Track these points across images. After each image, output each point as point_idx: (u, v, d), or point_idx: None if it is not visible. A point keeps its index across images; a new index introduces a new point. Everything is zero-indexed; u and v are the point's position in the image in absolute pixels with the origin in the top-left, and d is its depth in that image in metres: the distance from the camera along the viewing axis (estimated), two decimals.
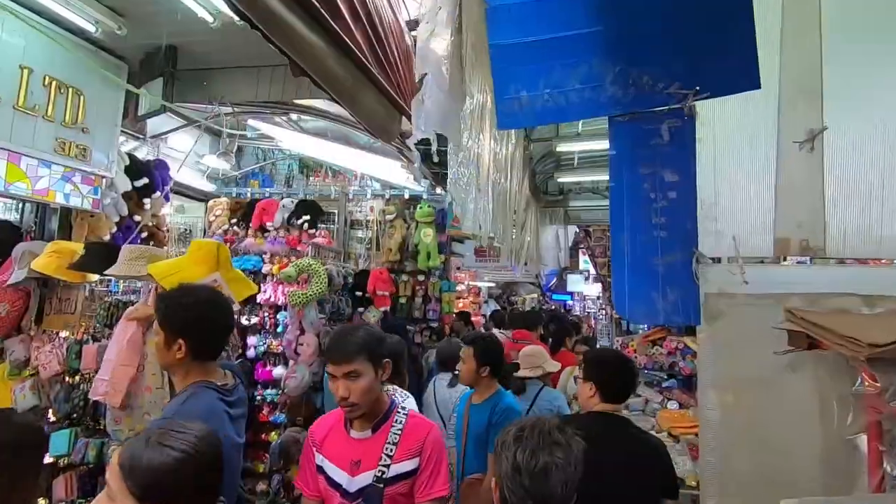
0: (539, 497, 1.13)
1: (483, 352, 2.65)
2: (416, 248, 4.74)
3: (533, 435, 1.18)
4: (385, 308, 4.65)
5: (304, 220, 4.77)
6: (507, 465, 1.17)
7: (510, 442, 1.19)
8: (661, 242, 1.49)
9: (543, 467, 1.13)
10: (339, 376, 1.61)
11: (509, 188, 4.15)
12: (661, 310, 1.49)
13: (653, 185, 1.51)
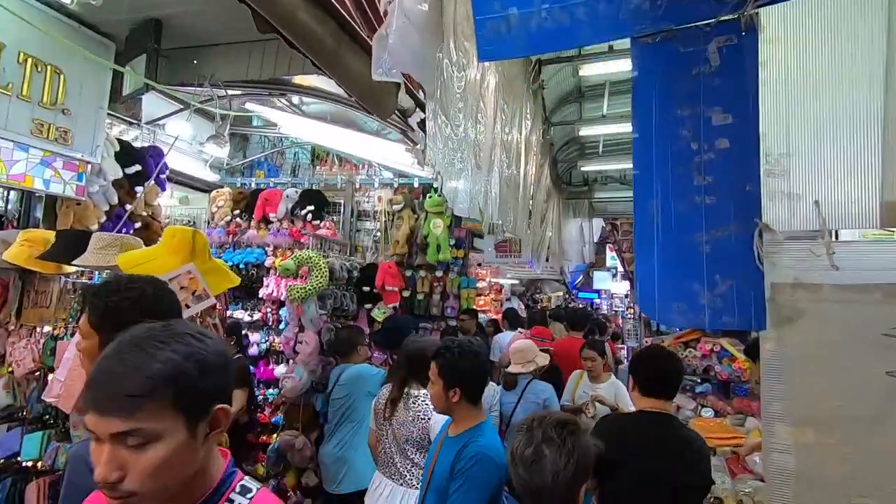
0: (529, 484, 1.28)
1: (450, 369, 1.96)
2: (426, 240, 4.42)
3: (533, 429, 1.32)
4: (394, 304, 4.35)
5: (308, 210, 4.52)
6: (508, 453, 1.36)
7: (518, 431, 1.36)
8: (708, 211, 1.07)
9: (532, 459, 1.28)
10: (103, 438, 0.82)
11: (524, 175, 3.79)
12: (707, 307, 1.07)
13: (694, 131, 1.09)
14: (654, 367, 2.09)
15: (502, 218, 2.84)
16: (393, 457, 2.58)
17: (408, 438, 2.53)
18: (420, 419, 2.52)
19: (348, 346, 3.60)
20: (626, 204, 7.05)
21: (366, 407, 3.50)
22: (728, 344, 5.67)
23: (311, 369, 3.75)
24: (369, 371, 3.50)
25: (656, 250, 1.14)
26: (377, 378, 3.50)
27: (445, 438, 2.04)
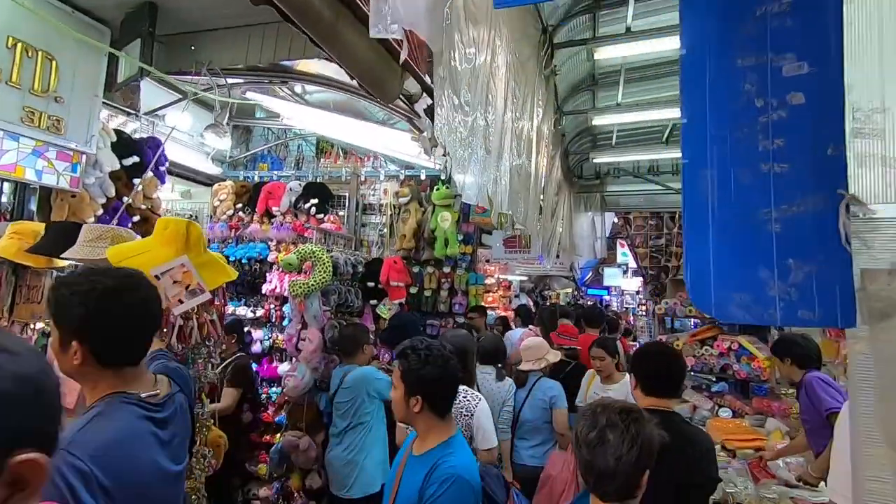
0: (593, 466, 1.35)
1: (412, 373, 1.68)
2: (433, 233, 4.27)
3: (597, 414, 1.38)
4: (400, 300, 4.21)
5: (312, 203, 4.38)
6: (573, 436, 1.43)
7: (582, 416, 1.42)
8: (777, 182, 0.89)
9: (596, 442, 1.34)
10: None
11: (535, 167, 3.62)
12: (778, 299, 0.88)
13: (760, 84, 0.90)
14: (655, 364, 2.06)
15: (512, 209, 2.68)
16: None
17: None
18: (463, 416, 2.49)
19: (353, 344, 3.47)
20: (640, 197, 6.85)
21: (372, 409, 3.37)
22: (747, 342, 5.47)
23: (313, 367, 3.62)
24: (374, 374, 3.36)
25: (712, 231, 0.96)
26: (383, 382, 3.35)
27: (409, 457, 1.78)
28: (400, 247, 4.33)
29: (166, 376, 1.53)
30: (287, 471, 3.69)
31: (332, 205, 4.56)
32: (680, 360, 2.18)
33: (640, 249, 7.12)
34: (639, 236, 7.11)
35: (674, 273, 6.90)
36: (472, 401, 2.56)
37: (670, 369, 2.05)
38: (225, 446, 2.87)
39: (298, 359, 3.63)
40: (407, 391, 1.68)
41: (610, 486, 1.35)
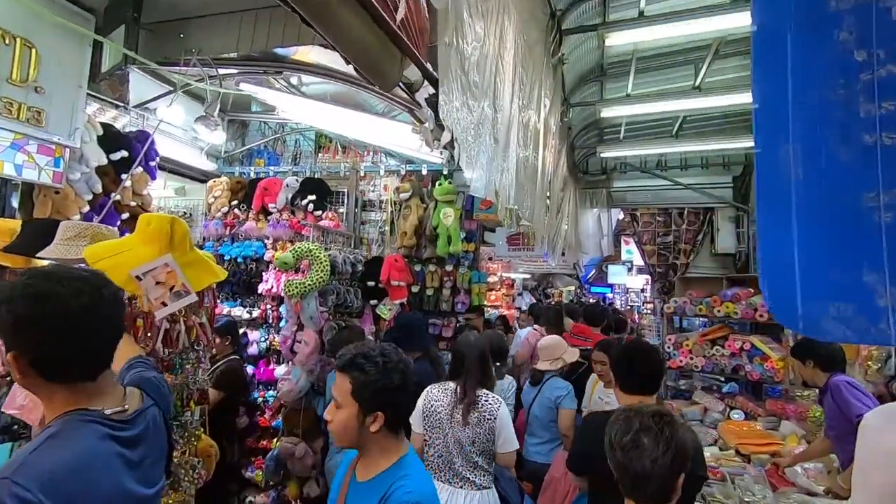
0: (628, 468, 1.35)
1: (370, 386, 1.41)
2: (435, 230, 4.10)
3: (631, 418, 1.38)
4: (401, 300, 4.05)
5: (310, 200, 4.22)
6: (606, 441, 1.40)
7: (615, 421, 1.40)
8: (887, 157, 0.70)
9: (630, 445, 1.34)
10: None
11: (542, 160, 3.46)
12: (891, 310, 0.67)
13: (861, 32, 0.70)
14: (635, 363, 2.07)
15: (518, 203, 2.51)
16: (452, 461, 2.51)
17: (473, 441, 2.49)
18: (486, 419, 2.49)
19: None
20: (647, 193, 6.67)
21: None
22: (759, 342, 5.30)
23: (309, 370, 3.47)
24: None
25: (795, 221, 0.76)
26: None
27: (351, 483, 1.50)
28: (401, 244, 4.16)
29: (138, 388, 1.38)
30: (284, 478, 3.54)
31: (330, 201, 4.40)
32: (658, 356, 2.17)
33: (648, 246, 6.95)
34: (646, 233, 6.93)
35: (682, 271, 6.73)
36: (494, 403, 2.54)
37: (652, 368, 2.06)
38: (216, 456, 2.72)
39: (293, 362, 3.48)
40: (363, 409, 1.41)
41: (647, 489, 1.35)
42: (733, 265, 6.44)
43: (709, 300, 5.62)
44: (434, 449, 2.56)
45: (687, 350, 5.71)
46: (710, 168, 6.43)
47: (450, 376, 2.73)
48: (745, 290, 5.50)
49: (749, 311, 5.32)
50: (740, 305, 5.38)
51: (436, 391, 2.67)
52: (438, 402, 2.61)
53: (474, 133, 1.83)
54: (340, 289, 3.78)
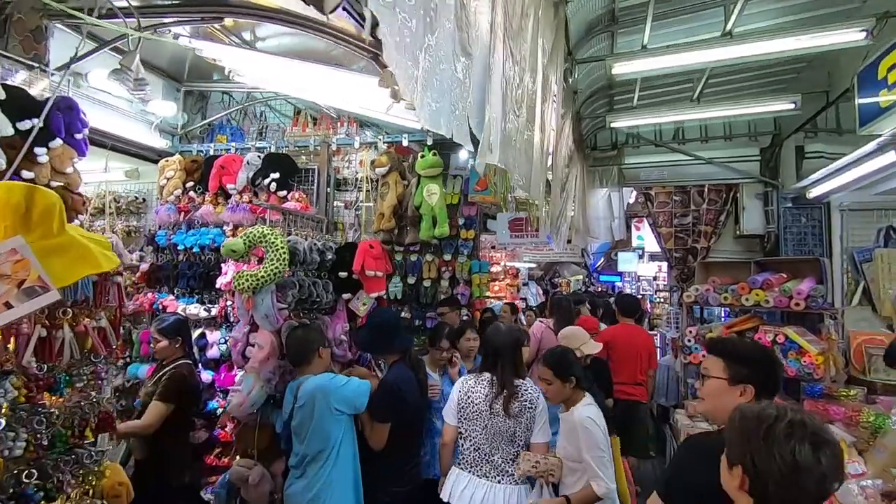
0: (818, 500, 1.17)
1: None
2: (417, 211, 3.49)
3: (802, 430, 1.17)
4: (379, 293, 3.46)
5: (272, 178, 3.63)
6: (780, 464, 1.16)
7: (780, 437, 1.17)
8: None
9: (826, 470, 1.14)
10: None
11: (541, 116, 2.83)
12: None
13: None
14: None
15: (504, 160, 1.89)
16: (490, 454, 2.53)
17: (515, 432, 2.52)
18: (528, 409, 2.54)
19: (303, 350, 2.76)
20: (662, 169, 6.01)
21: (337, 430, 2.65)
22: (795, 334, 4.66)
23: (266, 378, 2.90)
24: (334, 382, 2.66)
25: None
26: (350, 390, 2.66)
27: None
28: (377, 228, 3.56)
29: None
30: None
31: (297, 180, 3.80)
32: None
33: (664, 229, 6.29)
34: (661, 214, 6.28)
35: (702, 255, 6.07)
36: (533, 392, 2.59)
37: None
38: (129, 496, 2.15)
39: (245, 369, 2.92)
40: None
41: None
42: (761, 248, 5.78)
43: (735, 287, 4.98)
44: (470, 441, 2.56)
45: None
46: (733, 140, 5.75)
47: (483, 368, 2.72)
48: (776, 275, 4.86)
49: (783, 298, 4.68)
50: (772, 293, 4.75)
51: (471, 382, 2.67)
52: (476, 394, 2.59)
53: (426, 81, 1.24)
54: (305, 281, 3.20)
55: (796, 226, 5.39)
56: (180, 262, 3.88)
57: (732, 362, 1.88)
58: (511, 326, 2.98)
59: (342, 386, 2.66)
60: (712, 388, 1.90)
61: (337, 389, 2.62)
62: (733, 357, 1.94)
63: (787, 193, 5.40)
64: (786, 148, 5.39)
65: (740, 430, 1.25)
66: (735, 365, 1.89)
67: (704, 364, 2.05)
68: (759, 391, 1.79)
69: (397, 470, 2.82)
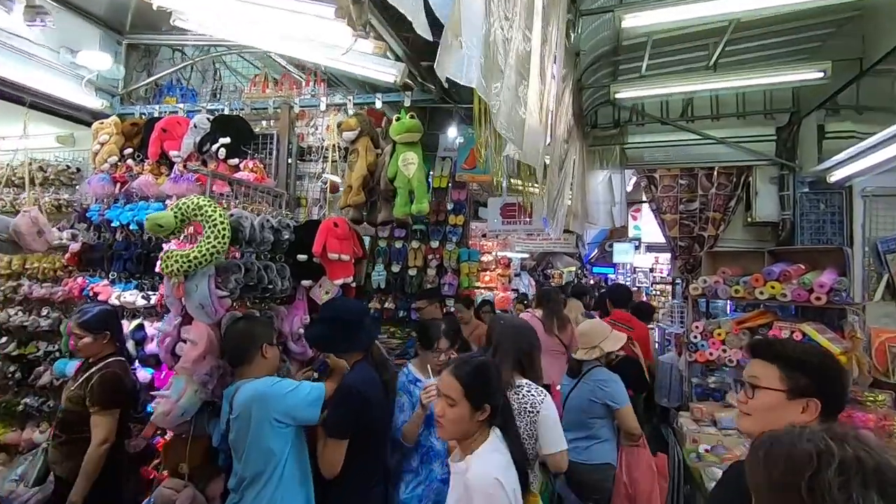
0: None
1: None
2: (392, 184, 2.96)
3: (861, 472, 0.84)
4: (345, 280, 2.95)
5: (222, 144, 3.09)
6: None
7: (831, 491, 0.83)
8: None
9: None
10: None
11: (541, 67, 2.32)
12: None
13: None
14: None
15: (482, 77, 1.37)
16: None
17: None
18: (528, 412, 2.31)
19: (242, 348, 2.26)
20: (668, 150, 5.53)
21: (280, 444, 2.16)
22: (813, 330, 4.22)
23: (201, 381, 2.39)
24: (277, 388, 2.16)
25: None
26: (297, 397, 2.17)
27: None
28: (345, 203, 3.03)
29: None
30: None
31: (253, 147, 3.26)
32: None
33: (668, 216, 5.82)
34: (666, 199, 5.81)
35: (710, 244, 5.62)
36: (537, 395, 2.36)
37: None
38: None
39: (175, 370, 2.40)
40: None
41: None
42: (774, 236, 5.33)
43: (747, 279, 4.53)
44: None
45: (719, 340, 4.65)
46: (747, 118, 5.27)
47: None
48: (794, 266, 4.41)
49: (802, 292, 4.24)
50: (790, 285, 4.30)
51: None
52: None
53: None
54: (254, 264, 2.68)
55: (814, 213, 4.94)
56: (115, 241, 3.33)
57: (792, 370, 1.47)
58: (515, 318, 2.67)
59: (287, 393, 2.16)
60: (764, 403, 1.49)
61: (279, 397, 2.12)
62: (793, 364, 1.50)
63: (805, 177, 4.95)
64: (805, 126, 4.93)
65: (768, 480, 0.92)
66: (796, 373, 1.47)
67: (752, 371, 1.59)
68: (825, 408, 1.43)
69: (359, 494, 2.33)
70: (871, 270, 4.67)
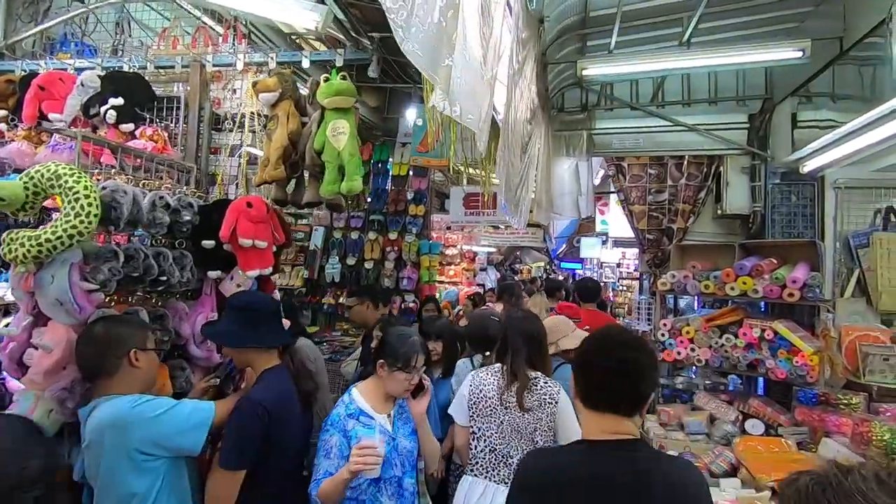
0: None
1: None
2: (318, 157, 2.49)
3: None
4: (261, 271, 2.46)
5: (112, 105, 2.55)
6: None
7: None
8: None
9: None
10: None
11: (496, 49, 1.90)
12: None
13: None
14: (593, 369, 1.42)
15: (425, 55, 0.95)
16: (508, 454, 2.26)
17: (535, 428, 2.25)
18: (548, 403, 2.27)
19: (100, 356, 1.78)
20: (637, 137, 5.24)
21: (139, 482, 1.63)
22: (785, 329, 4.00)
23: (57, 399, 1.88)
24: (141, 411, 1.69)
25: None
26: (171, 422, 1.70)
27: None
28: (261, 180, 2.54)
29: None
30: None
31: (158, 112, 2.73)
32: (649, 357, 1.43)
33: (636, 207, 5.55)
34: (634, 190, 5.53)
35: (679, 237, 5.37)
36: (553, 386, 2.33)
37: (631, 370, 1.36)
38: None
39: (23, 382, 1.88)
40: None
41: None
42: (744, 229, 5.12)
43: (718, 274, 4.28)
44: (485, 442, 2.31)
45: (687, 339, 4.40)
46: (719, 104, 5.02)
47: (496, 358, 2.51)
48: (766, 260, 4.18)
49: (774, 287, 4.01)
50: (762, 281, 4.07)
51: (483, 374, 2.44)
52: (488, 387, 2.36)
53: None
54: (140, 251, 2.17)
55: (785, 205, 4.74)
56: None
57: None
58: (528, 313, 2.63)
59: (157, 416, 1.68)
60: None
61: (144, 422, 1.65)
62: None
63: (777, 168, 4.74)
64: (778, 114, 4.71)
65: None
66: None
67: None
68: None
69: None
70: (842, 265, 4.51)
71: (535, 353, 2.41)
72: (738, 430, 3.74)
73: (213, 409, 1.82)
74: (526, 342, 2.39)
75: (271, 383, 2.04)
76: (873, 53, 4.12)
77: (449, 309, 7.70)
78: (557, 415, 2.25)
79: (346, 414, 2.05)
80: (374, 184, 5.82)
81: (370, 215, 5.87)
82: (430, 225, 6.33)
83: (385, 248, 6.06)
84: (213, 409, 1.82)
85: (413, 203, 6.08)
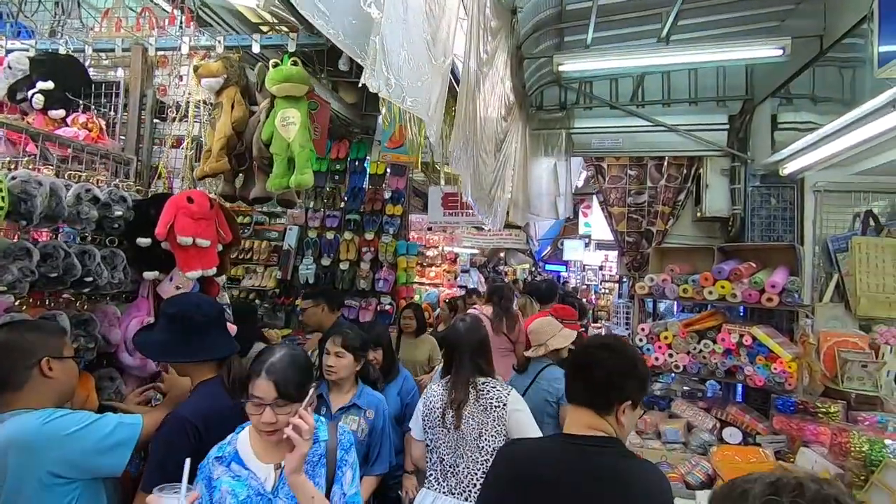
0: None
1: None
2: (266, 148, 2.29)
3: None
4: (203, 272, 2.26)
5: (40, 89, 2.33)
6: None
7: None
8: None
9: None
10: None
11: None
12: None
13: None
14: (584, 359, 1.53)
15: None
16: (454, 465, 2.27)
17: (480, 433, 2.25)
18: (494, 407, 2.27)
19: (8, 367, 1.56)
20: (617, 136, 5.13)
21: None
22: (763, 335, 3.91)
23: None
24: (52, 428, 1.50)
25: None
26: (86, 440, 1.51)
27: None
28: (202, 172, 2.34)
29: None
30: None
31: (89, 96, 2.51)
32: (624, 360, 1.46)
33: (615, 209, 5.44)
34: (613, 191, 5.42)
35: (658, 240, 5.27)
36: (502, 389, 2.35)
37: (599, 368, 1.45)
38: None
39: None
40: None
41: None
42: (723, 232, 5.04)
43: (697, 277, 4.18)
44: (436, 453, 2.33)
45: (665, 344, 4.29)
46: (699, 104, 4.94)
47: (442, 374, 2.55)
48: (745, 264, 4.09)
49: (753, 292, 3.92)
50: (740, 285, 3.98)
51: (434, 387, 2.45)
52: (436, 398, 2.38)
53: None
54: (59, 249, 1.96)
55: (765, 208, 4.67)
56: None
57: None
58: (472, 322, 2.59)
59: (72, 433, 1.48)
60: None
61: (55, 441, 1.44)
62: None
63: (757, 170, 4.67)
64: (758, 114, 4.64)
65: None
66: None
67: None
68: None
69: None
70: (821, 270, 4.44)
71: (482, 359, 2.42)
72: (715, 439, 3.64)
73: (139, 425, 1.63)
74: (471, 355, 2.39)
75: (204, 397, 1.85)
76: (853, 55, 4.07)
77: (429, 311, 7.52)
78: (507, 416, 2.26)
79: (216, 457, 1.61)
80: (350, 182, 5.63)
81: (346, 214, 5.68)
82: (407, 225, 6.16)
83: (361, 249, 5.88)
84: (139, 425, 1.63)
85: (390, 202, 5.91)
